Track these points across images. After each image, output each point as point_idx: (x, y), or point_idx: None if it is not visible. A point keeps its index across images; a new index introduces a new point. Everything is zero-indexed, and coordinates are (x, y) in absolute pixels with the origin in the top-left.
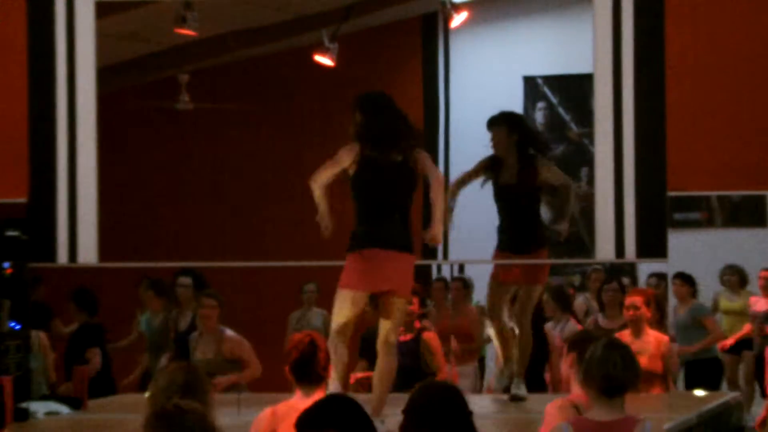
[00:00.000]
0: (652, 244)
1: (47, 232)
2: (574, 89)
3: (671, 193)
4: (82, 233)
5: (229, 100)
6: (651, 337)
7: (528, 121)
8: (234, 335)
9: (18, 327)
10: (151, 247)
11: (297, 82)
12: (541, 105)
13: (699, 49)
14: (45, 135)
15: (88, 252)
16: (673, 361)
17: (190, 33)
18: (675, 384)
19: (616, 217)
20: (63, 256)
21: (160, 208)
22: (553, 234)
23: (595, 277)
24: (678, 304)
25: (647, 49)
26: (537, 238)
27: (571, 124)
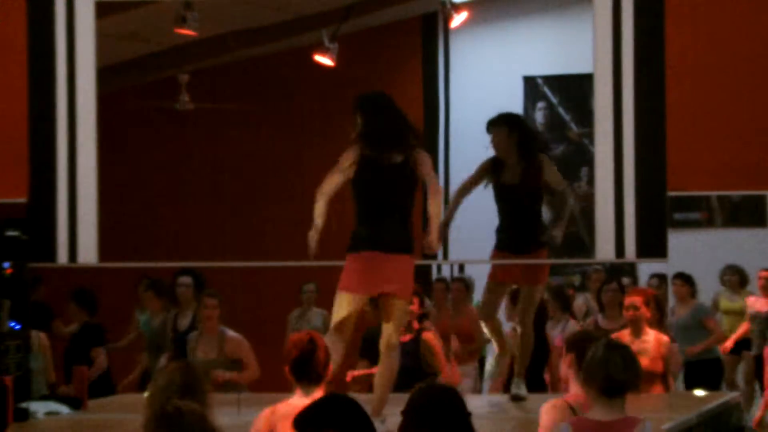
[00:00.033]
0: (652, 244)
1: (47, 232)
2: (574, 89)
3: (671, 193)
4: (82, 233)
5: (229, 100)
6: (651, 337)
7: (527, 121)
8: (235, 335)
9: (18, 327)
10: (151, 247)
11: (297, 82)
12: (541, 105)
13: (699, 49)
14: (45, 135)
15: (88, 252)
16: (674, 361)
17: (190, 33)
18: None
19: (616, 217)
20: (63, 256)
21: (160, 208)
22: (548, 239)
23: (596, 278)
24: (677, 304)
25: (647, 49)
26: (538, 238)
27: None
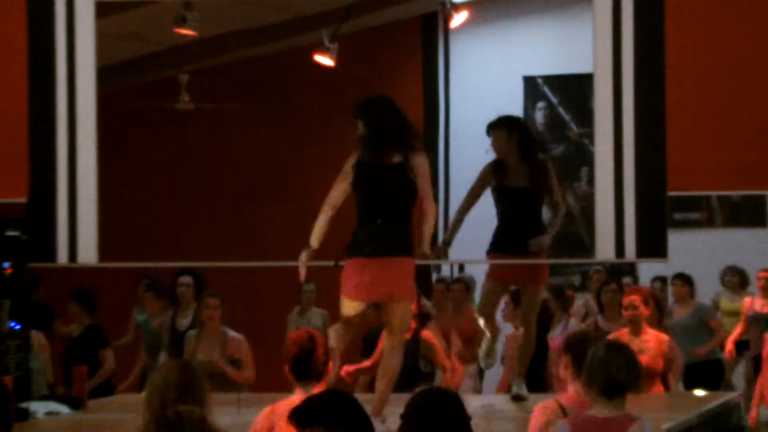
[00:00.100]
0: (652, 244)
1: (47, 232)
2: (574, 89)
3: (671, 193)
4: (82, 233)
5: (229, 100)
6: (650, 336)
7: (527, 123)
8: (237, 336)
9: (18, 327)
10: (151, 247)
11: (297, 82)
12: (541, 105)
13: (699, 49)
14: (45, 135)
15: (88, 252)
16: (676, 360)
17: (190, 33)
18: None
19: (616, 217)
20: (63, 256)
21: (160, 208)
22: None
23: (597, 278)
24: (677, 304)
25: (647, 49)
26: None
27: (571, 124)
